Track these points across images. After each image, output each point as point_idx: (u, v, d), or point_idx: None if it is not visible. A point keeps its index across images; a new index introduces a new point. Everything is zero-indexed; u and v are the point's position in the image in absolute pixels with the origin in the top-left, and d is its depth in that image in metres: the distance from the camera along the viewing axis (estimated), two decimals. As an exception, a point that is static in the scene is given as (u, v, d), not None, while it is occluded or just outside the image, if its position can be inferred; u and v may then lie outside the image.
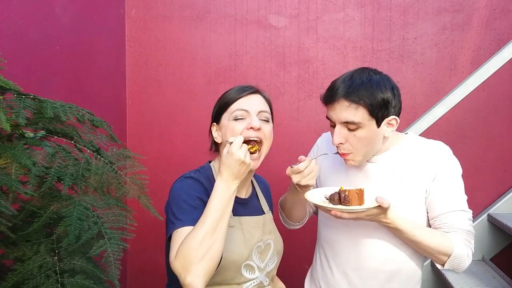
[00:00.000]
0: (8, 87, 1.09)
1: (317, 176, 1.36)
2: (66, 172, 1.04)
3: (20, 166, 0.98)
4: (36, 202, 1.07)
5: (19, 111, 1.04)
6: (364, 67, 1.34)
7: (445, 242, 1.29)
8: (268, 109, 1.35)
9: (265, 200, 1.46)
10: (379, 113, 1.26)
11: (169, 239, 1.20)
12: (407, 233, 1.28)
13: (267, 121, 1.33)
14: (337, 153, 1.34)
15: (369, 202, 1.23)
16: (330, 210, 1.21)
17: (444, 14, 2.45)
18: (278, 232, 1.44)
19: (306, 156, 1.32)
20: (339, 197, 1.22)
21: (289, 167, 1.28)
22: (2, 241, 1.06)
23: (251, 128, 1.27)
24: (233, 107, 1.30)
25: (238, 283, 1.28)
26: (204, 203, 1.19)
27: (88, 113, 1.23)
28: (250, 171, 1.31)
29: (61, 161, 1.07)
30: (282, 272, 1.55)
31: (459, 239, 1.31)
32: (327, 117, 1.33)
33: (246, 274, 1.29)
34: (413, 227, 1.29)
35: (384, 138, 1.35)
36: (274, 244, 1.38)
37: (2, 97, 1.07)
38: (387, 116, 1.29)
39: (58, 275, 1.02)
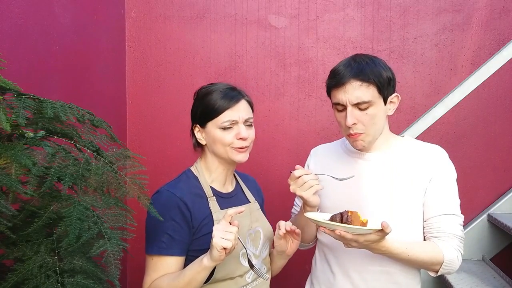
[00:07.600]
0: (8, 87, 1.09)
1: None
2: (66, 172, 1.04)
3: (20, 166, 0.97)
4: (36, 202, 1.06)
5: (19, 111, 1.04)
6: (357, 53, 1.38)
7: (437, 252, 1.31)
8: (251, 113, 1.40)
9: (250, 192, 1.51)
10: (385, 91, 1.32)
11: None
12: (402, 255, 1.28)
13: (251, 125, 1.39)
14: (343, 179, 1.35)
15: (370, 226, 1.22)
16: (334, 230, 1.19)
17: (444, 14, 2.45)
18: (266, 221, 1.49)
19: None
20: (341, 218, 1.21)
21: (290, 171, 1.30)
22: (2, 241, 1.05)
23: (240, 138, 1.33)
24: (222, 117, 1.33)
25: (240, 275, 1.33)
26: (174, 220, 1.30)
27: (88, 113, 1.23)
28: (233, 164, 1.40)
29: (61, 161, 1.07)
30: (282, 272, 1.55)
31: (449, 244, 1.32)
32: (334, 103, 1.36)
33: (245, 263, 1.34)
34: (406, 248, 1.28)
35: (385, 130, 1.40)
36: (263, 231, 1.44)
37: (2, 97, 1.07)
38: (391, 95, 1.35)
39: (58, 275, 1.02)
